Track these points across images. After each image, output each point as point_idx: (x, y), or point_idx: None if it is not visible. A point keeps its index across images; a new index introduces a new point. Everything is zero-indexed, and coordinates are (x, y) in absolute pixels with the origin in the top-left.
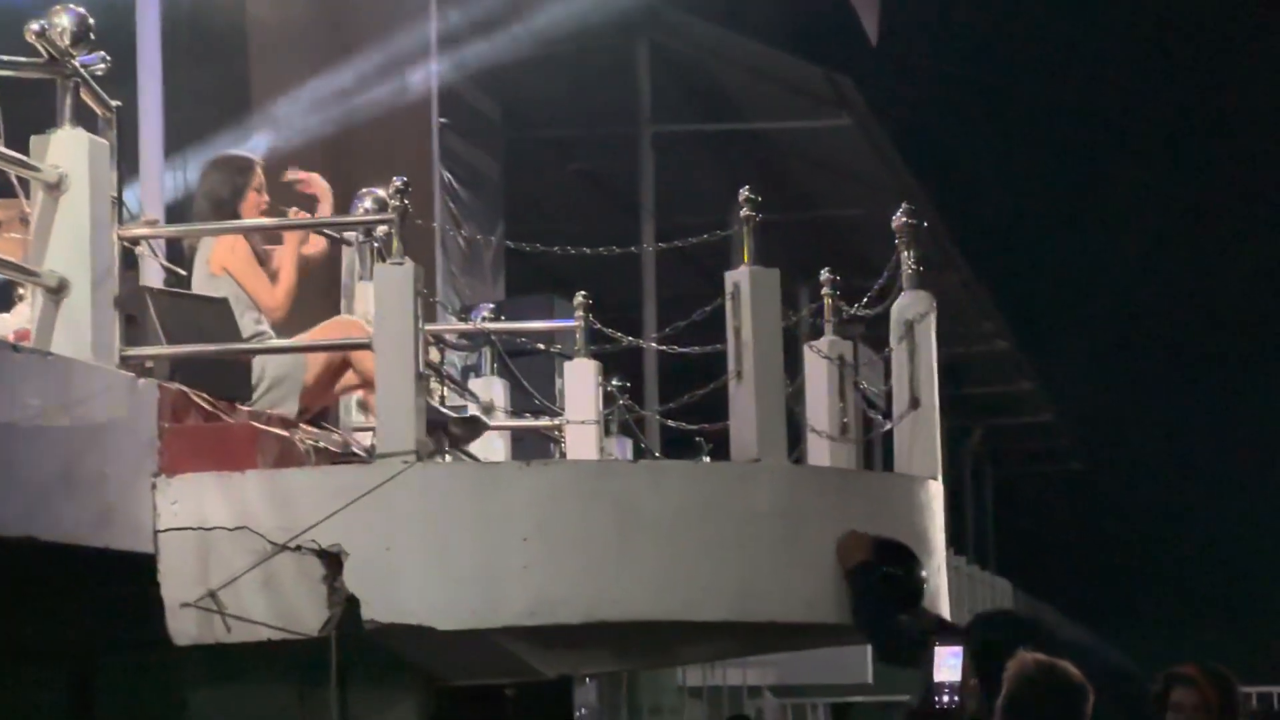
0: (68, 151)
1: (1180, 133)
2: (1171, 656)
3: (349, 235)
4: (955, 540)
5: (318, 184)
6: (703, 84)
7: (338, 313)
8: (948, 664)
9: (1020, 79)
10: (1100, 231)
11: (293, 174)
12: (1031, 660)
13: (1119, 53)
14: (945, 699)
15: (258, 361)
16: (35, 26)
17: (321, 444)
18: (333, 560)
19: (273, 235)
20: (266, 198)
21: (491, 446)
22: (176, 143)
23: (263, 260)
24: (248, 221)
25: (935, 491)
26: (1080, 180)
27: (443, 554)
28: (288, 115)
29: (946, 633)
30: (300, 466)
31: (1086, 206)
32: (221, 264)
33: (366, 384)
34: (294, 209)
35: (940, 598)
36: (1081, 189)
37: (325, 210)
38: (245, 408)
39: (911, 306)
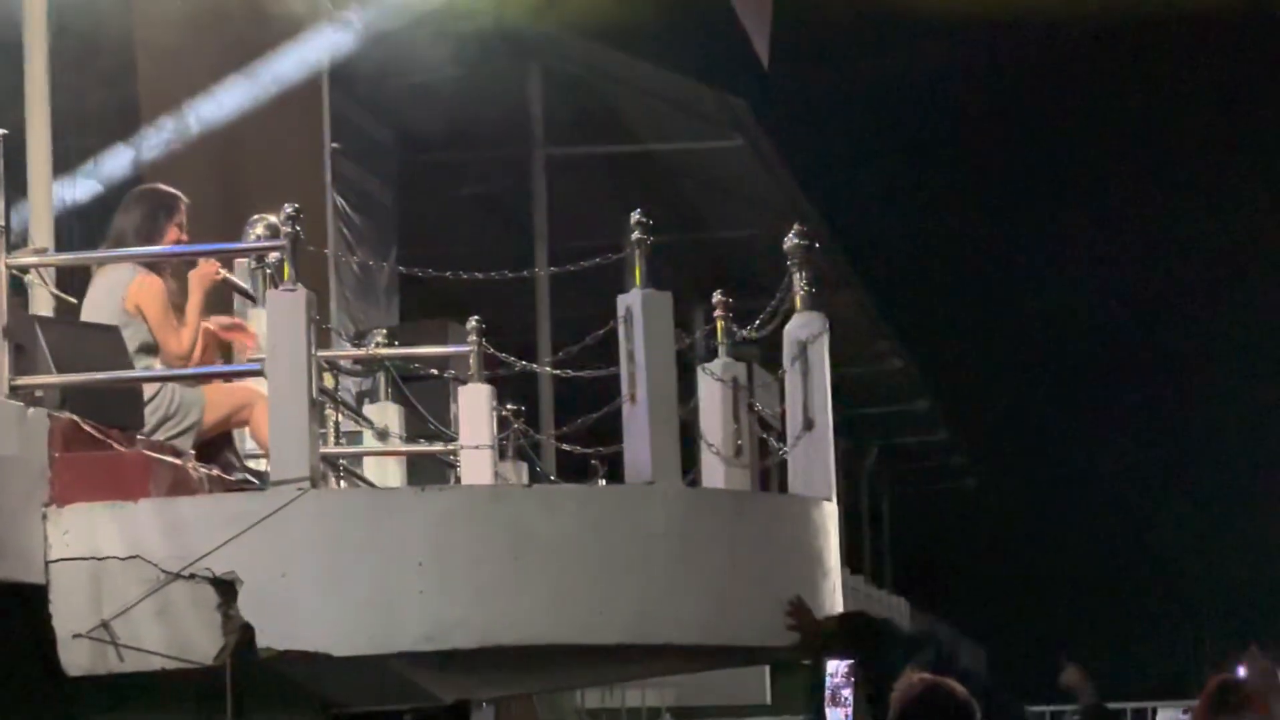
0: None
1: (1072, 149)
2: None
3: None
4: (851, 560)
5: (247, 333)
6: (595, 106)
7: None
8: (837, 691)
9: (913, 99)
10: (995, 250)
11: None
12: (918, 680)
13: (1010, 74)
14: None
15: (157, 401)
16: None
17: (215, 471)
18: (227, 588)
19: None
20: (185, 236)
21: (386, 472)
22: (65, 166)
23: (175, 306)
24: (137, 250)
25: (830, 512)
26: (974, 200)
27: (338, 580)
28: (178, 140)
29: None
30: (193, 495)
31: (980, 226)
32: (136, 303)
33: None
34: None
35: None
36: (975, 209)
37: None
38: (137, 436)
39: (804, 328)
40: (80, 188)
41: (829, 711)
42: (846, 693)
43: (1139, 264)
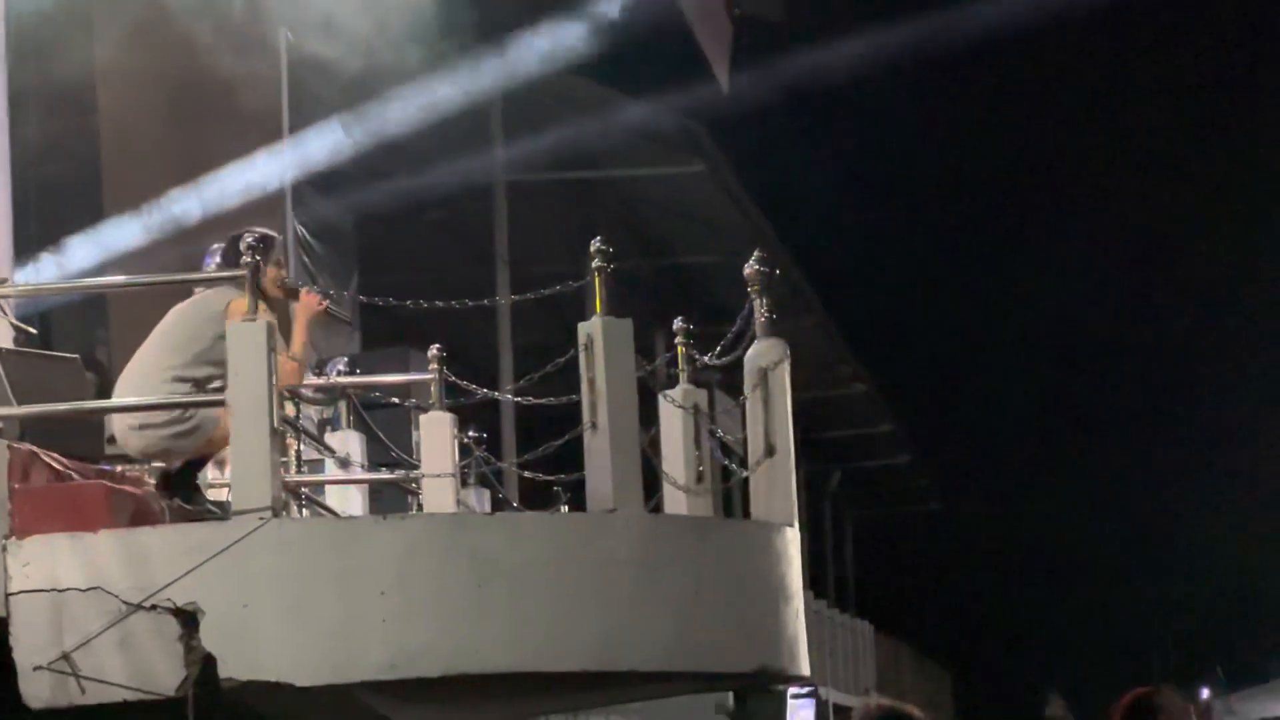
0: None
1: (1033, 173)
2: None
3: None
4: (815, 583)
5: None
6: (556, 133)
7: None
8: (800, 714)
9: (874, 125)
10: (958, 275)
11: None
12: (876, 704)
13: (970, 101)
14: None
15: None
16: None
17: (176, 501)
18: (189, 618)
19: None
20: (285, 272)
21: (349, 500)
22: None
23: None
24: (97, 280)
25: (792, 537)
26: (936, 224)
27: (300, 610)
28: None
29: None
30: (155, 525)
31: (942, 250)
32: (240, 316)
33: None
34: (305, 287)
35: (800, 643)
36: (937, 233)
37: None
38: (97, 467)
39: (765, 354)
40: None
41: None
42: None
43: (1103, 286)
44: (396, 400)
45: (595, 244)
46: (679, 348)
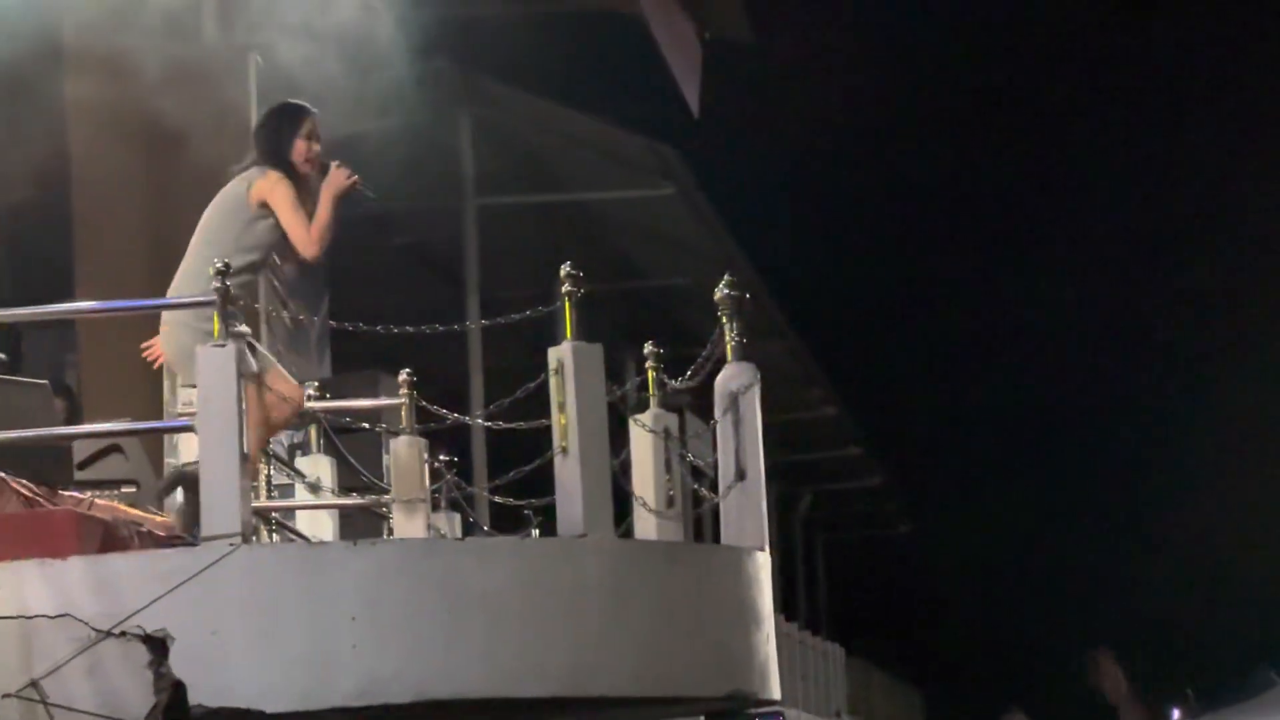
0: None
1: (1004, 196)
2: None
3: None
4: (786, 607)
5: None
6: (526, 155)
7: (159, 392)
8: None
9: (844, 146)
10: (929, 298)
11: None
12: None
13: (940, 124)
14: None
15: None
16: None
17: (145, 528)
18: (158, 645)
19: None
20: (317, 145)
21: (319, 525)
22: None
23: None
24: (69, 306)
25: (763, 562)
26: (908, 247)
27: (271, 636)
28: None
29: None
30: (124, 551)
31: (914, 273)
32: (263, 198)
33: None
34: (336, 162)
35: (771, 667)
36: (909, 256)
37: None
38: (66, 493)
39: (736, 378)
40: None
41: None
42: None
43: (1074, 310)
44: (367, 425)
45: (565, 268)
46: (649, 372)
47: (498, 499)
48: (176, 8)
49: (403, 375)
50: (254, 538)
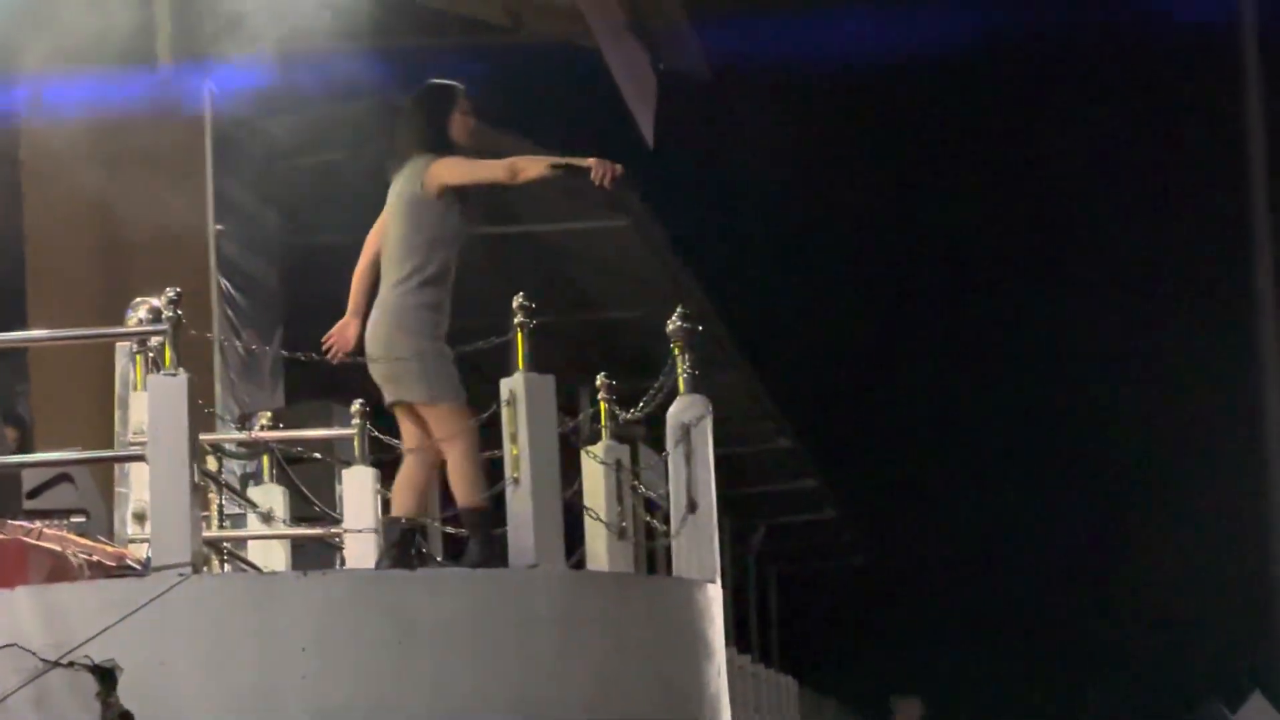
0: None
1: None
2: None
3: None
4: (739, 639)
5: None
6: (480, 187)
7: (110, 421)
8: None
9: (799, 180)
10: (883, 331)
11: None
12: None
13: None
14: None
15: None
16: None
17: (95, 557)
18: (107, 676)
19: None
20: (472, 120)
21: (271, 555)
22: None
23: None
24: (19, 335)
25: (714, 594)
26: (862, 281)
27: (221, 667)
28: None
29: None
30: (73, 581)
31: (868, 307)
32: (441, 181)
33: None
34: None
35: (722, 699)
36: (864, 290)
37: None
38: (15, 523)
39: (688, 410)
40: None
41: None
42: None
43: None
44: (319, 455)
45: (517, 299)
46: (601, 404)
47: (449, 530)
48: (131, 38)
49: (355, 405)
50: (205, 568)
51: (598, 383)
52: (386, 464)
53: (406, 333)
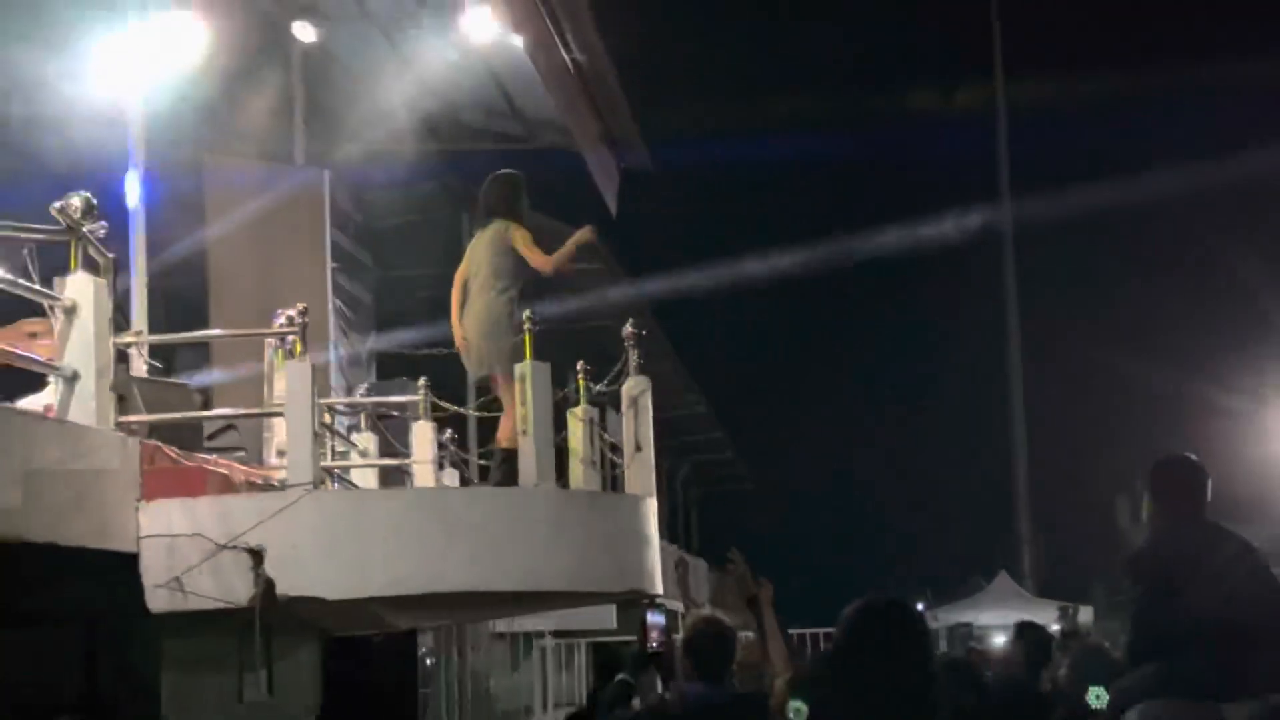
0: (79, 288)
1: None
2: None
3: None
4: (669, 534)
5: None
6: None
7: (261, 390)
8: (655, 621)
9: (716, 238)
10: (764, 338)
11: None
12: (700, 614)
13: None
14: (654, 641)
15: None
16: (57, 205)
17: (251, 479)
18: (257, 555)
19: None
20: (527, 200)
21: (366, 478)
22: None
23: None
24: (203, 333)
25: (652, 505)
26: (754, 302)
27: (330, 550)
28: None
29: None
30: (235, 494)
31: (755, 323)
32: (517, 241)
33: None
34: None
35: (656, 573)
36: (753, 309)
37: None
38: (199, 454)
39: (636, 386)
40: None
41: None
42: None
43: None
44: (397, 414)
45: (525, 314)
46: (580, 380)
47: (482, 462)
48: (277, 141)
49: (422, 381)
50: (321, 485)
51: (579, 368)
52: (442, 420)
53: (502, 327)
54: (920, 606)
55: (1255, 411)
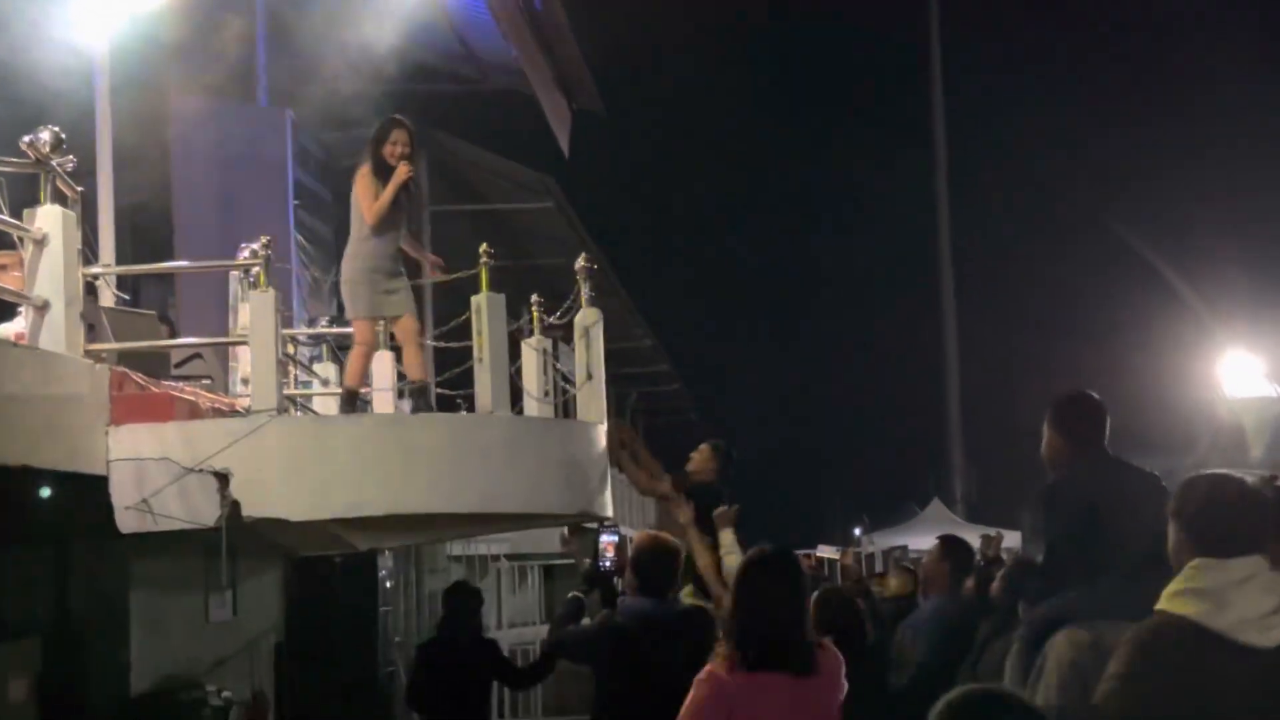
0: (49, 220)
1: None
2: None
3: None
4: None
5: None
6: (461, 179)
7: (226, 320)
8: (606, 540)
9: (661, 178)
10: (707, 276)
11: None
12: (647, 533)
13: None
14: (606, 563)
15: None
16: (26, 139)
17: (217, 405)
18: (223, 478)
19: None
20: (401, 146)
21: (327, 406)
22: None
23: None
24: (169, 264)
25: (602, 430)
26: (697, 239)
27: (293, 473)
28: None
29: None
30: (202, 419)
31: (696, 259)
32: (356, 189)
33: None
34: (404, 164)
35: (607, 496)
36: (709, 244)
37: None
38: (166, 382)
39: (587, 318)
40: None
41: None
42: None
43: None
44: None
45: (483, 248)
46: (534, 312)
47: (440, 391)
48: (240, 82)
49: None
50: (285, 412)
51: (532, 300)
52: (400, 349)
53: (352, 270)
54: (858, 530)
55: (1176, 352)
